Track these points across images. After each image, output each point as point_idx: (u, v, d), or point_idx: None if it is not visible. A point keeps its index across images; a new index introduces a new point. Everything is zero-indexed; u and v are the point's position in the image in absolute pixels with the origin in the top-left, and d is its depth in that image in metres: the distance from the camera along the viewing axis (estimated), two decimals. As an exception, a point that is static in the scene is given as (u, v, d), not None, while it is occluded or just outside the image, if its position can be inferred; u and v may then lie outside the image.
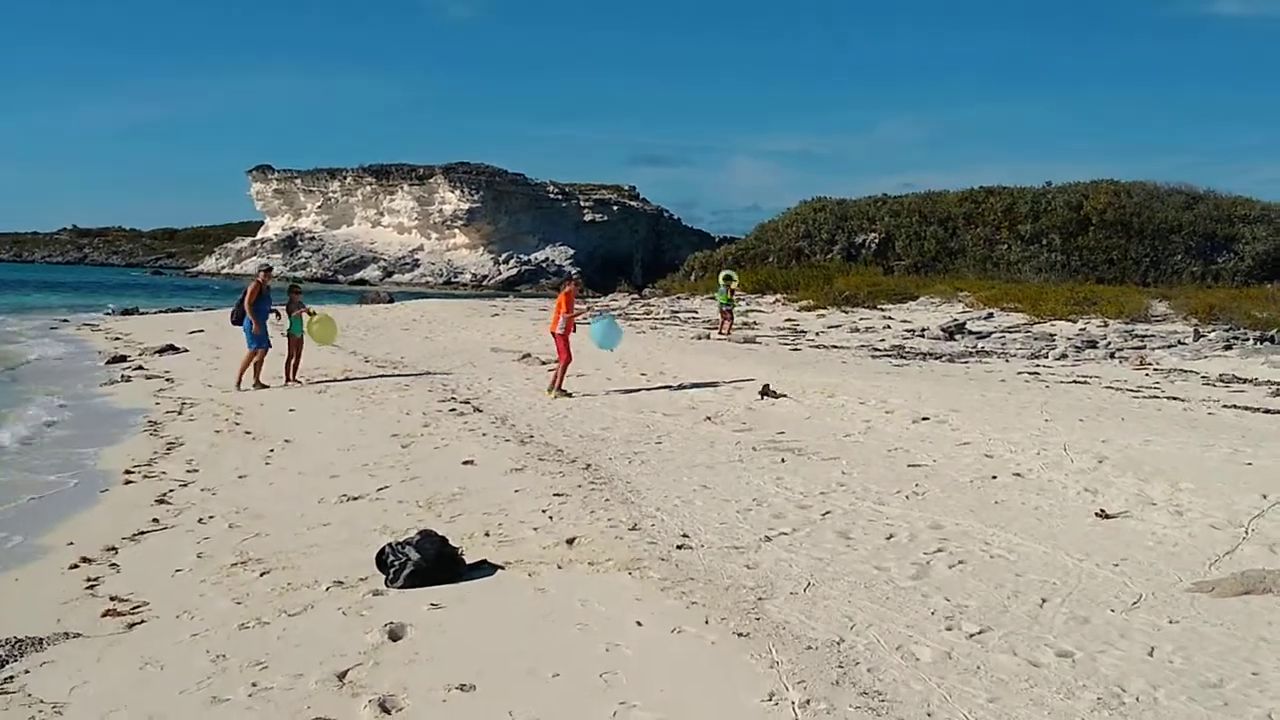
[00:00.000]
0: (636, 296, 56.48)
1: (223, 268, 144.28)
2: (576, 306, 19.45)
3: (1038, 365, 21.98)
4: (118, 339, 35.67)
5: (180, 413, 18.52)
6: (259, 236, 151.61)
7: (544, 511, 10.27)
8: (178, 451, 15.07)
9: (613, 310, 40.91)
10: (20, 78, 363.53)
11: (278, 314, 21.83)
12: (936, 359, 23.58)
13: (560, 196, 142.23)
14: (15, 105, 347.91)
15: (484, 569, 8.51)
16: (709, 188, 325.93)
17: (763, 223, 62.33)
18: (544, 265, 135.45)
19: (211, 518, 11.16)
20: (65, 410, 19.29)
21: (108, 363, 27.10)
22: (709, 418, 15.57)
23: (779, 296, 43.02)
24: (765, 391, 17.26)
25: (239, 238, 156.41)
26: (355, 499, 11.52)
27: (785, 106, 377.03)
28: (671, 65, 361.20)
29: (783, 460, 12.39)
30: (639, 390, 18.75)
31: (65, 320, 46.76)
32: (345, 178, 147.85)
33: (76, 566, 9.72)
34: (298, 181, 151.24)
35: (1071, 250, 50.66)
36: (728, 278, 32.05)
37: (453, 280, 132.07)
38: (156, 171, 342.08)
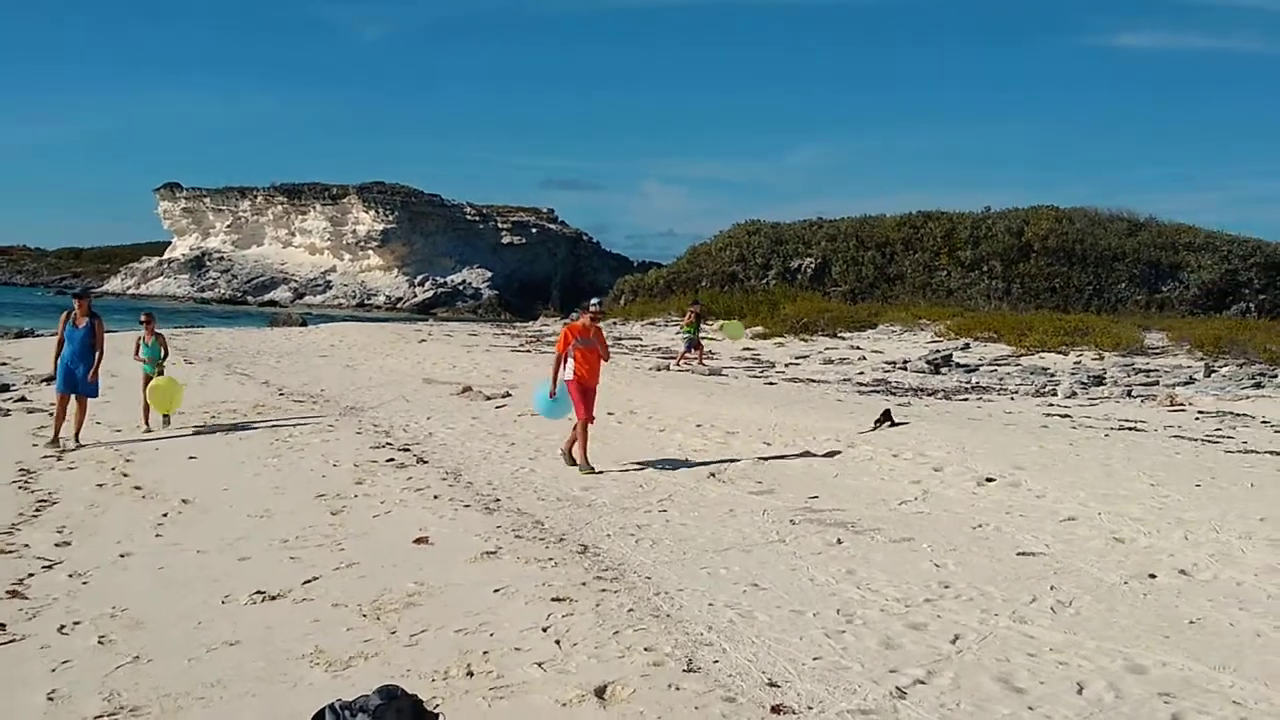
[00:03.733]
0: (567, 322, 53.47)
1: (128, 288, 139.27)
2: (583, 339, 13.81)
3: (1052, 404, 19.35)
4: (4, 364, 31.98)
5: (60, 458, 15.26)
6: (166, 256, 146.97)
7: (545, 630, 7.27)
8: (49, 514, 11.86)
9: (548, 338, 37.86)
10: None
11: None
12: (930, 395, 20.91)
13: (478, 218, 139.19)
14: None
15: (481, 749, 5.51)
16: (621, 212, 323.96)
17: (694, 245, 59.71)
18: (461, 288, 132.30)
19: (77, 624, 8.04)
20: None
21: (-15, 393, 23.57)
22: (713, 474, 12.66)
23: (722, 323, 40.35)
24: (885, 419, 15.18)
25: (145, 257, 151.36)
26: (274, 598, 8.43)
27: (695, 132, 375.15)
28: (582, 87, 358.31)
29: (839, 541, 9.49)
30: (611, 437, 15.76)
31: (-50, 343, 42.83)
32: (256, 197, 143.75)
33: None
34: (207, 200, 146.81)
35: (1013, 277, 48.70)
36: (696, 303, 29.46)
37: (366, 303, 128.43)
38: (62, 189, 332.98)
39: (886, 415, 15.62)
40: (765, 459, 13.54)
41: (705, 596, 7.89)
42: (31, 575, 9.43)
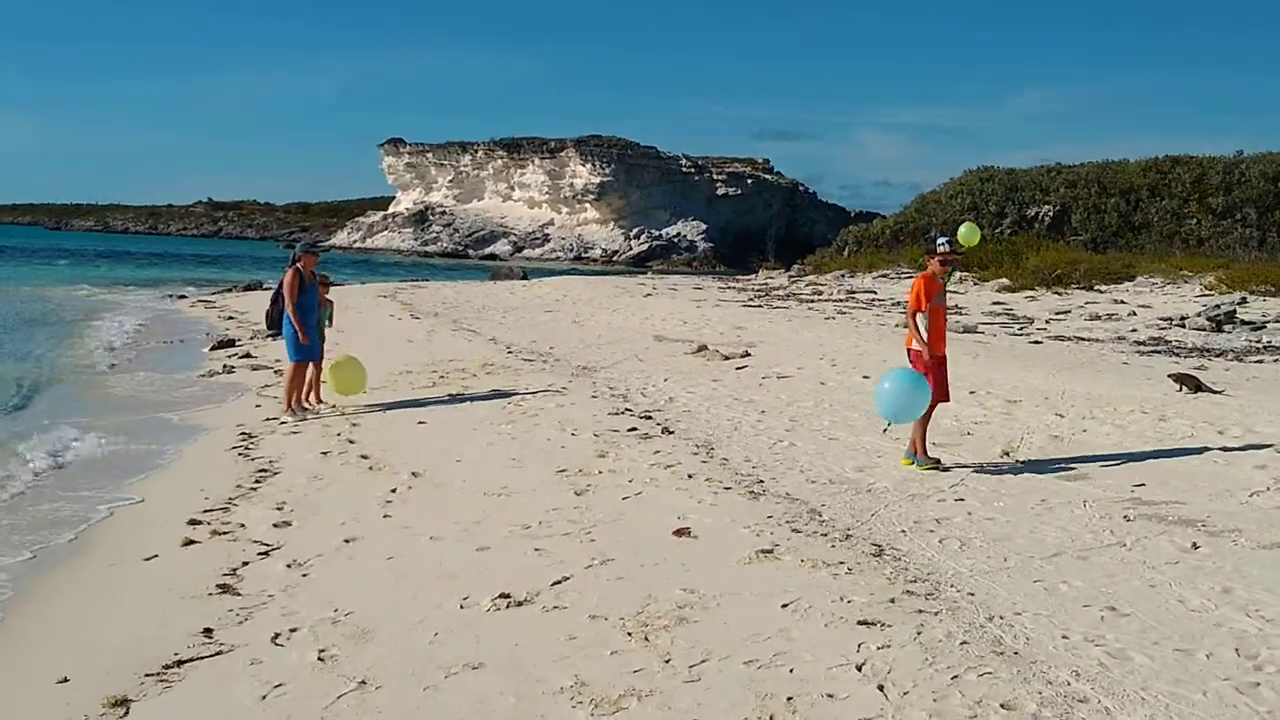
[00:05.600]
0: (793, 274, 51.63)
1: (354, 242, 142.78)
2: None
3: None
4: (231, 318, 31.93)
5: (283, 421, 14.41)
6: (390, 211, 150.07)
7: (859, 668, 5.77)
8: (269, 486, 10.89)
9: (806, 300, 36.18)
10: (154, 51, 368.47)
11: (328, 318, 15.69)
12: (1219, 356, 18.64)
13: (693, 170, 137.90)
14: (151, 78, 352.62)
15: None
16: (836, 161, 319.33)
17: (922, 193, 57.59)
18: (676, 240, 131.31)
19: (294, 631, 6.89)
20: (136, 416, 15.26)
21: (211, 349, 23.18)
22: (1006, 453, 10.93)
23: (963, 275, 38.10)
24: (1191, 382, 13.08)
25: (370, 212, 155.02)
26: (520, 604, 7.13)
27: (912, 78, 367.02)
28: (798, 37, 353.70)
29: (1194, 545, 7.74)
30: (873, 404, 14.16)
31: (183, 295, 43.48)
32: (476, 151, 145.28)
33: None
34: (429, 155, 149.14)
35: (1268, 226, 45.14)
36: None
37: (583, 255, 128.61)
38: (292, 146, 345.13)
39: (1195, 382, 13.65)
40: (1058, 435, 11.76)
41: (1053, 624, 6.28)
42: (246, 564, 8.39)
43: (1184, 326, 22.78)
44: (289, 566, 8.26)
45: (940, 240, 10.79)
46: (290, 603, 7.45)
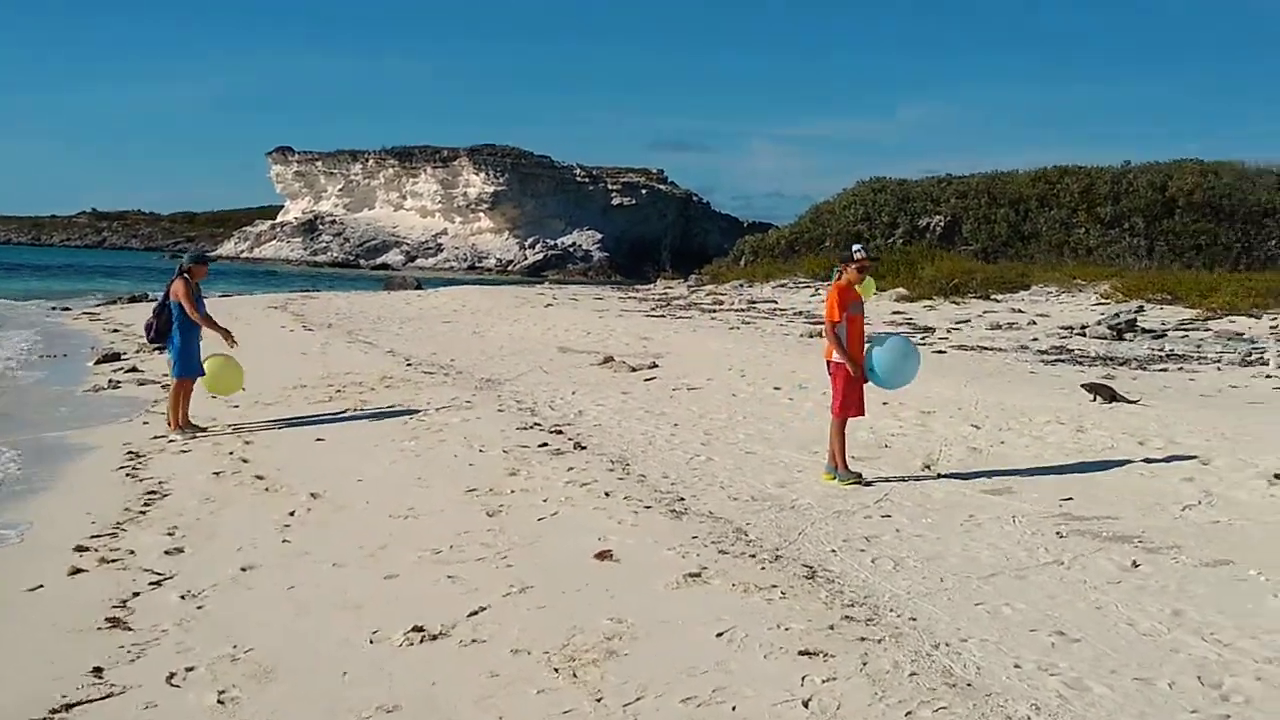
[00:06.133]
0: (691, 284, 51.47)
1: (241, 252, 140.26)
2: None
3: (1270, 376, 17.07)
4: (116, 330, 30.79)
5: (171, 439, 13.73)
6: (279, 220, 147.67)
7: (806, 704, 5.40)
8: (159, 508, 10.28)
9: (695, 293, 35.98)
10: (39, 56, 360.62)
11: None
12: (1122, 364, 18.68)
13: (588, 179, 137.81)
14: (34, 85, 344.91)
15: None
16: (729, 173, 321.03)
17: (817, 204, 57.78)
18: (571, 250, 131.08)
19: (191, 670, 6.37)
20: (16, 435, 14.45)
21: (97, 362, 22.26)
22: (927, 466, 10.68)
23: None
24: (1105, 392, 13.19)
25: (258, 221, 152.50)
26: (435, 638, 6.67)
27: (802, 91, 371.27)
28: (689, 47, 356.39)
29: (1135, 564, 7.51)
30: (788, 417, 13.87)
31: (66, 308, 42.03)
32: (367, 160, 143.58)
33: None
34: (318, 164, 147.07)
35: (1156, 235, 46.02)
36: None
37: (477, 265, 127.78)
38: (175, 154, 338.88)
39: (1110, 392, 13.57)
40: (977, 448, 11.56)
41: (1002, 651, 5.97)
42: (136, 595, 7.82)
43: (1085, 335, 22.88)
44: (183, 598, 7.71)
45: (855, 247, 10.58)
46: (185, 638, 6.92)
